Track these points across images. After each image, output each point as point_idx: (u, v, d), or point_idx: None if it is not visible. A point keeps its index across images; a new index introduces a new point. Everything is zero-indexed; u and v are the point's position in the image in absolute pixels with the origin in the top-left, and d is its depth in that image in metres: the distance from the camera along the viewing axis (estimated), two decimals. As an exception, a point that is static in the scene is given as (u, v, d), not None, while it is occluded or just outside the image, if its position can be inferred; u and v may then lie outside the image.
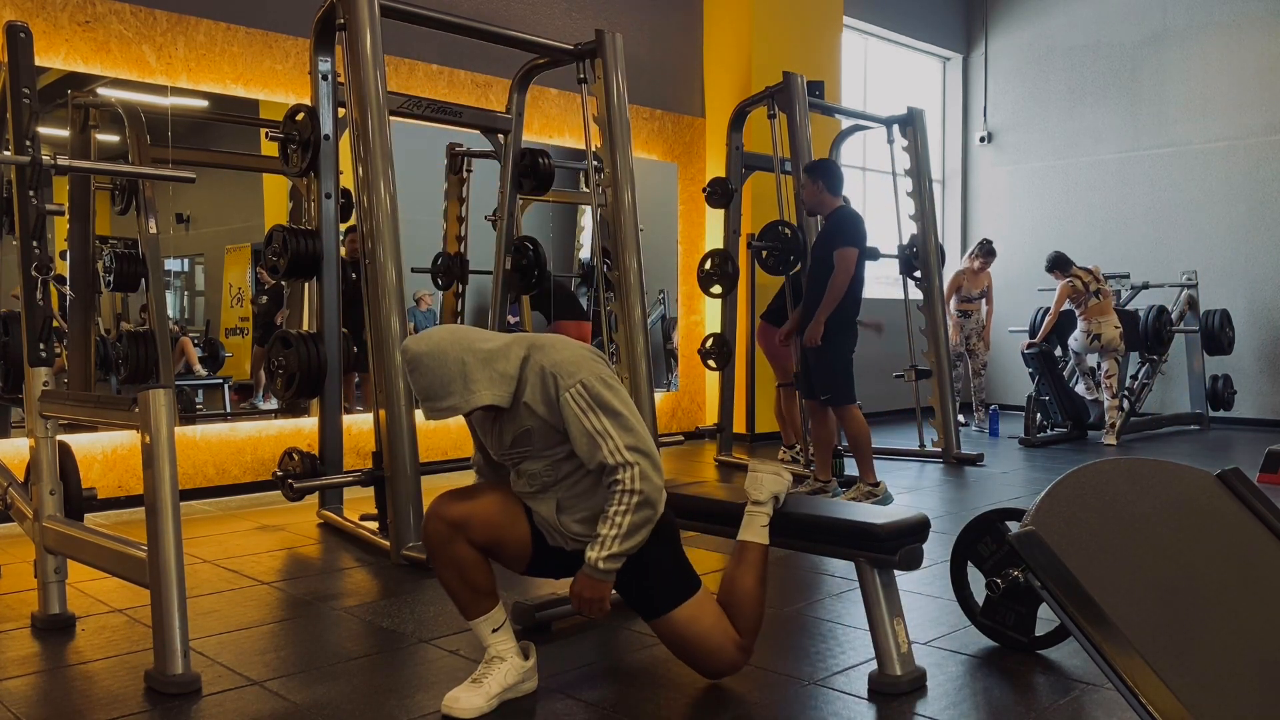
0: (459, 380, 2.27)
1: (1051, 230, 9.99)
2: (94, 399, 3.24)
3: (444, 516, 2.36)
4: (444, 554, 2.38)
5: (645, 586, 2.46)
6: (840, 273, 4.93)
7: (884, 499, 5.03)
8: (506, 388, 2.32)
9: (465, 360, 2.27)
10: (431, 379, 2.26)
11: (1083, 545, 1.97)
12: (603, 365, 2.37)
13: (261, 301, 5.82)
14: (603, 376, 2.32)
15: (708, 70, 8.02)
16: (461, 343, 2.30)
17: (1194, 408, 8.87)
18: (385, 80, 4.08)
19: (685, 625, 2.44)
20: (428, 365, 2.26)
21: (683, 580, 2.48)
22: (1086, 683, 2.59)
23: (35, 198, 3.00)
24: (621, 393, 2.33)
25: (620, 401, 2.30)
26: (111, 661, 2.77)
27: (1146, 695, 1.78)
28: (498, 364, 2.31)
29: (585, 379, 2.28)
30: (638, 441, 2.28)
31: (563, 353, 2.33)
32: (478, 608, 2.42)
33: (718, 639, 2.47)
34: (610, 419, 2.27)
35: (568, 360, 2.31)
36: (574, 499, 2.40)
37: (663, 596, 2.45)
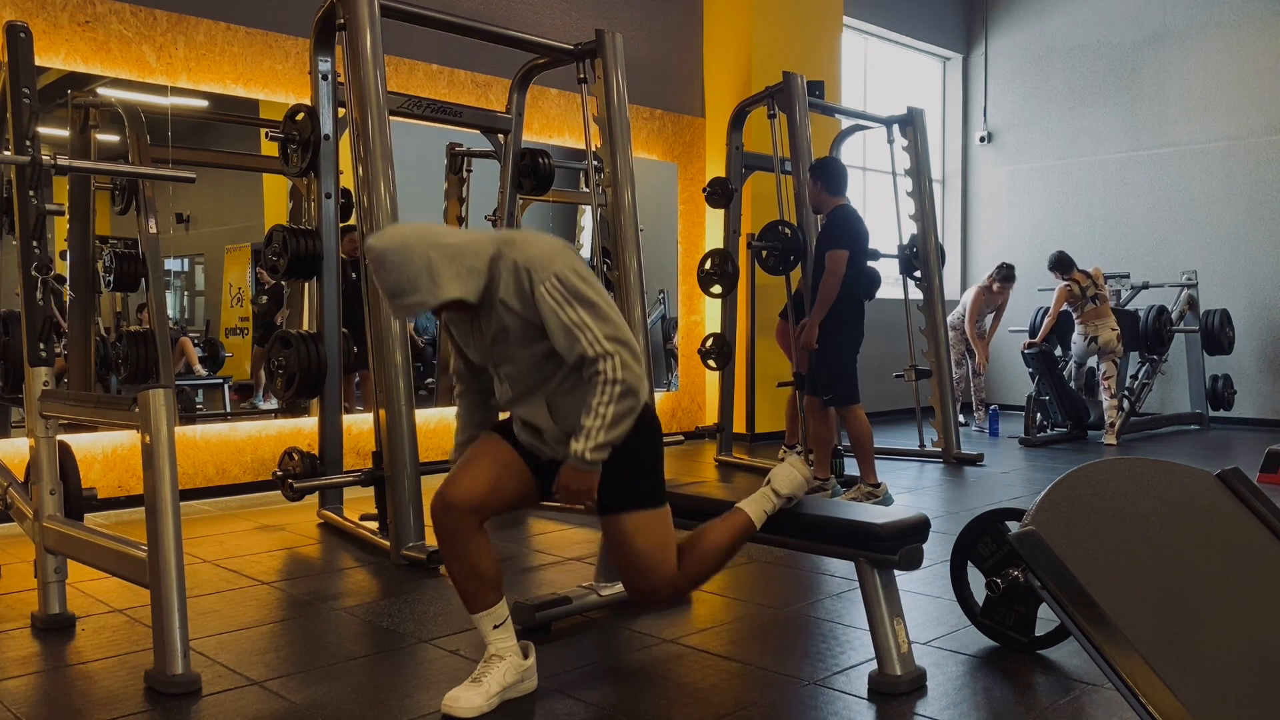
0: (425, 275, 2.20)
1: (1051, 230, 9.99)
2: (94, 399, 3.24)
3: (450, 504, 2.35)
4: (453, 544, 2.37)
5: (608, 479, 2.37)
6: (829, 274, 4.93)
7: (885, 500, 5.03)
8: (475, 283, 2.26)
9: (431, 256, 2.21)
10: (397, 275, 2.20)
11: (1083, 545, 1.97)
12: (575, 257, 2.32)
13: (261, 301, 5.82)
14: (576, 268, 2.27)
15: (708, 70, 8.02)
16: (426, 238, 2.23)
17: (1194, 408, 8.88)
18: (385, 80, 4.08)
19: (631, 534, 2.39)
20: (393, 262, 2.20)
21: (648, 488, 2.42)
22: (1086, 683, 2.59)
23: (35, 198, 3.00)
24: (596, 284, 2.28)
25: (595, 292, 2.26)
26: (111, 661, 2.77)
27: (1146, 695, 1.78)
28: (465, 259, 2.25)
29: (559, 271, 2.23)
30: (616, 331, 2.24)
31: (535, 247, 2.29)
32: (483, 601, 2.42)
33: (656, 559, 2.41)
34: (587, 310, 2.23)
35: (540, 254, 2.26)
36: (562, 398, 2.35)
37: (621, 494, 2.38)
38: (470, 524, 2.35)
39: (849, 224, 5.02)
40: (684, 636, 2.98)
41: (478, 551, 2.37)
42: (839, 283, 4.93)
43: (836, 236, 4.99)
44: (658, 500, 2.43)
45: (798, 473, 2.68)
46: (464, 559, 2.38)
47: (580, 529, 4.50)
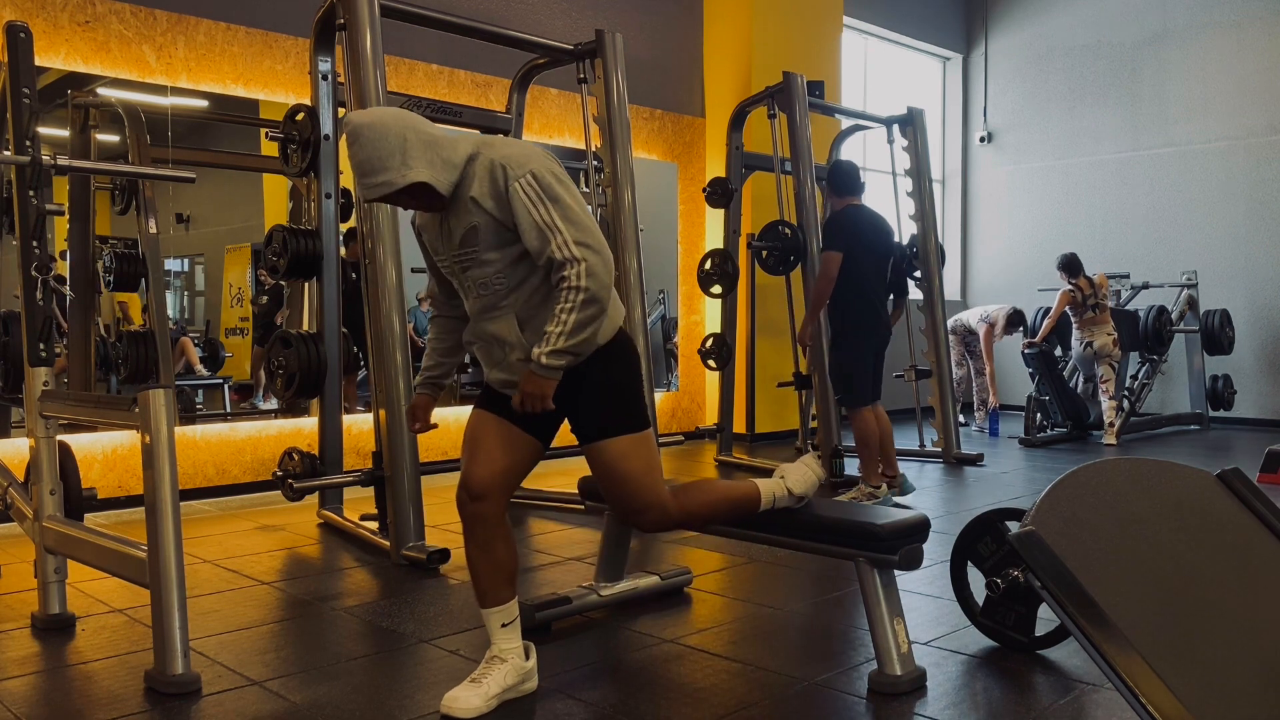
0: (397, 155, 2.18)
1: (1051, 230, 9.99)
2: (94, 399, 3.24)
3: (475, 491, 2.36)
4: (480, 534, 2.39)
5: (586, 406, 2.38)
6: (819, 276, 4.96)
7: (884, 501, 5.03)
8: (447, 175, 2.24)
9: (407, 137, 2.19)
10: (370, 151, 2.17)
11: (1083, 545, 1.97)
12: (553, 161, 2.29)
13: (262, 302, 5.82)
14: (553, 169, 2.25)
15: (708, 70, 8.02)
16: (406, 120, 2.22)
17: (1194, 408, 8.88)
18: (385, 80, 4.08)
19: (614, 460, 2.38)
20: (367, 137, 2.17)
21: (627, 412, 2.40)
22: (1086, 683, 2.59)
23: (35, 198, 3.00)
24: (572, 188, 2.26)
25: (570, 196, 2.23)
26: (111, 661, 2.77)
27: (1146, 695, 1.78)
28: (442, 150, 2.24)
29: (535, 169, 2.21)
30: (586, 236, 2.21)
31: (513, 147, 2.28)
32: (497, 596, 2.43)
33: (642, 482, 2.40)
34: (559, 211, 2.20)
35: (518, 153, 2.25)
36: (533, 310, 2.32)
37: (605, 420, 2.37)
38: (497, 509, 2.37)
39: (844, 225, 4.99)
40: (684, 636, 2.98)
41: (500, 541, 2.40)
42: (829, 284, 4.92)
43: (829, 238, 5.01)
44: (640, 424, 2.42)
45: (812, 473, 2.68)
46: (489, 548, 2.39)
47: (580, 529, 4.51)
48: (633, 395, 2.43)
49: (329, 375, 4.39)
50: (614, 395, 2.39)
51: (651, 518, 2.47)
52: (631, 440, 2.39)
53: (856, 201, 5.09)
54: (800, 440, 6.92)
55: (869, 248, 5.01)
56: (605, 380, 2.38)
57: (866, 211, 5.12)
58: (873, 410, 5.08)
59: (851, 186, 5.10)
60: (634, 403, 2.43)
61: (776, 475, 2.70)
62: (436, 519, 4.35)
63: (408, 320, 4.15)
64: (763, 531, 2.73)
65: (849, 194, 5.09)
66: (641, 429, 2.42)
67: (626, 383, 2.42)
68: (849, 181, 5.11)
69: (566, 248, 2.19)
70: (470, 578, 2.47)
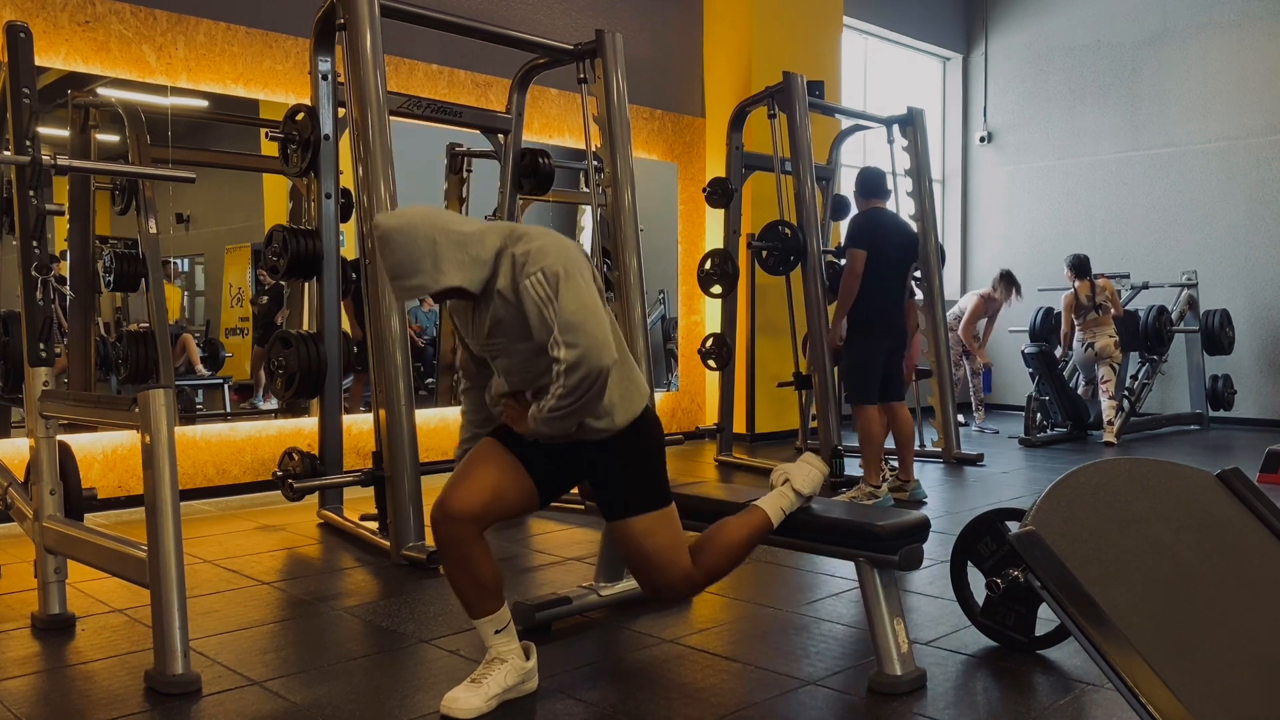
0: (428, 259, 2.20)
1: (1051, 230, 9.99)
2: (94, 399, 3.24)
3: (450, 513, 2.34)
4: (454, 552, 2.37)
5: (612, 485, 2.42)
6: (845, 274, 5.01)
7: (884, 501, 5.03)
8: (478, 273, 2.26)
9: (436, 239, 2.21)
10: (401, 256, 2.20)
11: (1083, 545, 1.97)
12: (573, 255, 2.28)
13: (262, 302, 5.81)
14: (566, 265, 2.23)
15: (708, 70, 8.02)
16: (435, 222, 2.23)
17: (1194, 408, 8.87)
18: (385, 80, 4.08)
19: (641, 536, 2.40)
20: (398, 242, 2.20)
21: (653, 490, 2.43)
22: (1086, 683, 2.59)
23: (35, 198, 3.00)
24: (576, 283, 2.23)
25: (572, 293, 2.21)
26: (111, 661, 2.77)
27: (1146, 695, 1.78)
28: (470, 248, 2.25)
29: (546, 266, 2.21)
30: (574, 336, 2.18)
31: (536, 241, 2.27)
32: (483, 607, 2.42)
33: (668, 557, 2.42)
34: (553, 310, 2.20)
35: (538, 249, 2.25)
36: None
37: (627, 499, 2.41)
38: (470, 533, 2.35)
39: (867, 225, 5.07)
40: (684, 636, 2.98)
41: (478, 560, 2.37)
42: (856, 281, 4.97)
43: (854, 237, 5.07)
44: (663, 500, 2.45)
45: (816, 470, 2.68)
46: (464, 567, 2.38)
47: (580, 529, 4.50)
48: (656, 473, 2.46)
49: (329, 375, 4.39)
50: (637, 474, 2.43)
51: (679, 591, 2.49)
52: (656, 517, 2.42)
53: (880, 205, 5.17)
54: (800, 440, 6.92)
55: (890, 249, 5.07)
56: (629, 460, 2.42)
57: (889, 215, 5.22)
58: (887, 410, 5.09)
59: (877, 190, 5.19)
60: (657, 481, 2.46)
61: (779, 480, 2.68)
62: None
63: (410, 320, 4.15)
64: (763, 531, 2.72)
65: (874, 197, 5.17)
66: (665, 504, 2.45)
67: (649, 462, 2.46)
68: (875, 185, 5.19)
69: (557, 346, 2.20)
70: (454, 592, 2.46)
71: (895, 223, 5.23)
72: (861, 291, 4.99)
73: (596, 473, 2.45)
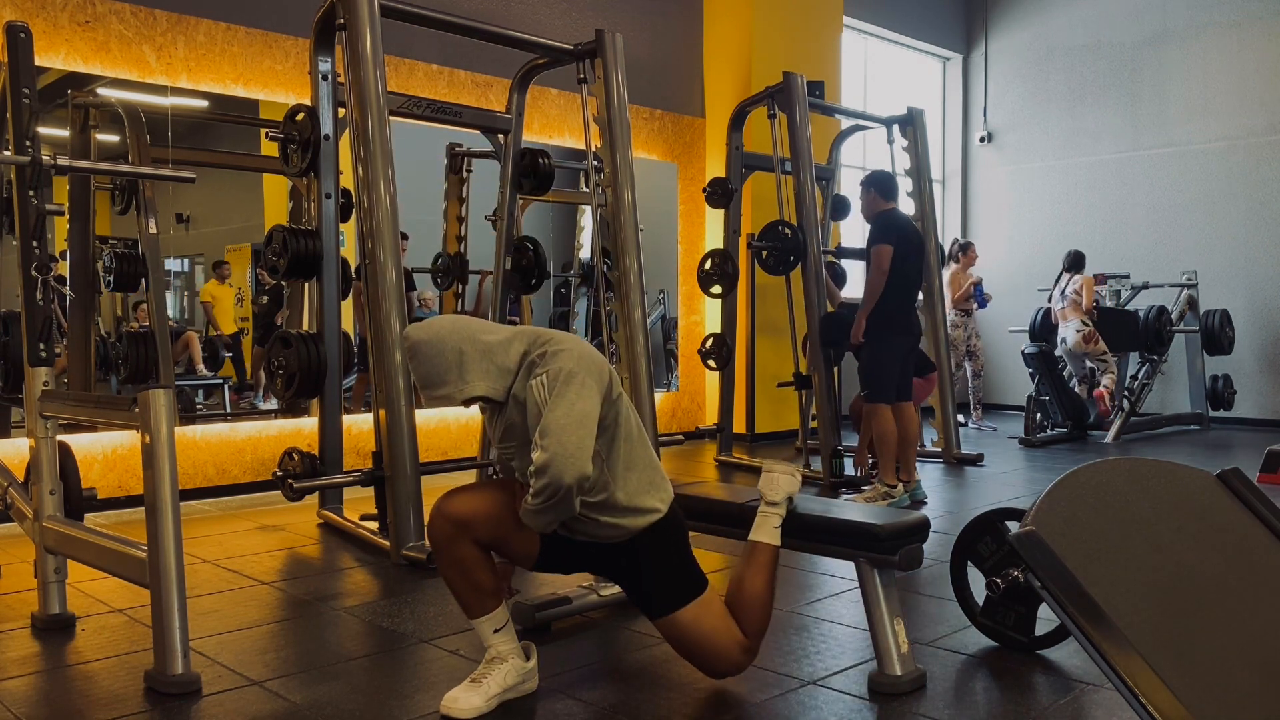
0: (455, 370, 2.28)
1: (1051, 230, 9.99)
2: (94, 399, 3.24)
3: (448, 515, 2.35)
4: (448, 553, 2.38)
5: (647, 587, 2.46)
6: (873, 269, 5.04)
7: (899, 501, 5.03)
8: (502, 381, 2.32)
9: (464, 350, 2.28)
10: (429, 367, 2.28)
11: (1083, 545, 1.97)
12: (591, 364, 2.29)
13: (262, 302, 5.81)
14: (575, 370, 2.25)
15: (708, 70, 8.02)
16: (462, 333, 2.30)
17: (1194, 408, 8.87)
18: (385, 80, 4.08)
19: (688, 627, 2.44)
20: (425, 354, 2.28)
21: (687, 581, 2.47)
22: (1086, 683, 2.59)
23: (35, 198, 3.00)
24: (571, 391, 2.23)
25: (562, 401, 2.22)
26: (111, 661, 2.77)
27: (1146, 695, 1.78)
28: (497, 357, 2.31)
29: (553, 369, 2.25)
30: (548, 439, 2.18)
31: (557, 345, 2.31)
32: (481, 607, 2.42)
33: (721, 640, 2.46)
34: (545, 410, 2.23)
35: (554, 352, 2.29)
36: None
37: (664, 597, 2.45)
38: (456, 534, 2.36)
39: (894, 224, 5.11)
40: (684, 636, 2.98)
41: (473, 563, 2.38)
42: (883, 277, 5.00)
43: (879, 233, 5.09)
44: (699, 587, 2.47)
45: (777, 473, 2.68)
46: (457, 567, 2.39)
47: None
48: (684, 565, 2.49)
49: (329, 375, 4.39)
50: (666, 574, 2.46)
51: (743, 666, 2.52)
52: (696, 607, 2.45)
53: (895, 206, 5.22)
54: (800, 440, 6.92)
55: (909, 249, 5.10)
56: (655, 562, 2.44)
57: (903, 215, 5.28)
58: (895, 409, 5.10)
59: (890, 192, 5.24)
60: (686, 572, 2.48)
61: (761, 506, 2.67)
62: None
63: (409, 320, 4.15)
64: (763, 531, 2.72)
65: (890, 199, 5.22)
66: (700, 592, 2.47)
67: (678, 558, 2.48)
68: (888, 187, 5.24)
69: (535, 446, 2.22)
70: (451, 594, 2.47)
71: (910, 224, 5.29)
72: (884, 289, 5.01)
73: (625, 574, 2.48)
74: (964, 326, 8.60)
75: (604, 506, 2.37)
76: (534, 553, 2.47)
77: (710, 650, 2.46)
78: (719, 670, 2.51)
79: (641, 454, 2.43)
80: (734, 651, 2.47)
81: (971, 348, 8.69)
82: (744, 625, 2.51)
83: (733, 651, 2.47)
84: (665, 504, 2.47)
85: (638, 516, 2.41)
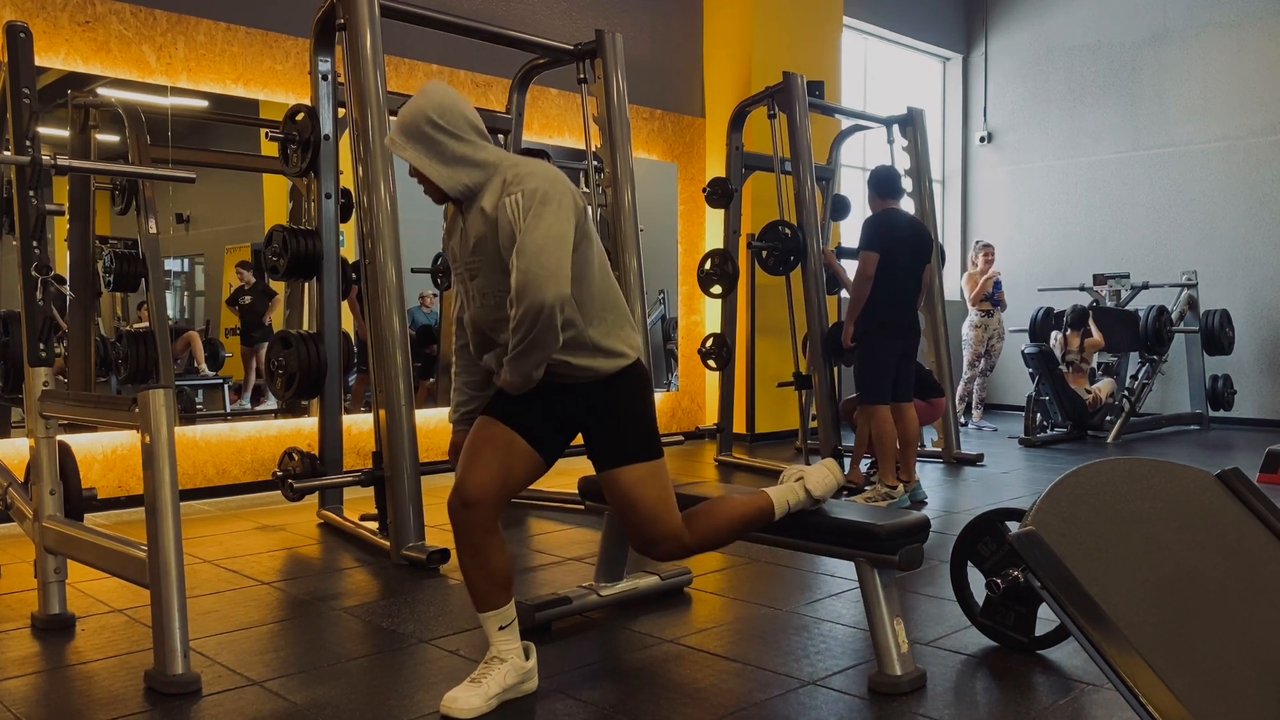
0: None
1: (1051, 230, 9.99)
2: (94, 399, 3.24)
3: (469, 499, 2.36)
4: (470, 540, 2.38)
5: (605, 434, 2.43)
6: (857, 276, 5.04)
7: (900, 502, 5.02)
8: (472, 177, 2.34)
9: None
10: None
11: (1083, 545, 1.97)
12: (562, 187, 2.28)
13: (244, 301, 5.81)
14: (550, 192, 2.24)
15: (708, 70, 8.02)
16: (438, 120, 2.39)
17: (1194, 408, 8.87)
18: (385, 80, 4.08)
19: (631, 486, 2.40)
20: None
21: (644, 440, 2.44)
22: (1086, 683, 2.59)
23: (35, 198, 3.00)
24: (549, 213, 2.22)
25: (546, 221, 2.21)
26: (111, 661, 2.77)
27: (1146, 695, 1.78)
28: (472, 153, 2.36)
29: (528, 189, 2.24)
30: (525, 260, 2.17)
31: (530, 167, 2.31)
32: (493, 600, 2.42)
33: (659, 509, 2.42)
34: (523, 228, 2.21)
35: (529, 173, 2.28)
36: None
37: (618, 448, 2.42)
38: (489, 518, 2.36)
39: (883, 227, 5.07)
40: (684, 636, 2.98)
41: (493, 549, 2.39)
42: (867, 283, 4.98)
43: (866, 238, 5.08)
44: (653, 453, 2.44)
45: (833, 477, 2.68)
46: (479, 556, 2.38)
47: (580, 529, 4.50)
48: (646, 424, 2.46)
49: (329, 375, 4.39)
50: (626, 424, 2.43)
51: (666, 548, 2.48)
52: (646, 468, 2.42)
53: (895, 205, 5.17)
54: (800, 440, 6.92)
55: (903, 250, 5.06)
56: (620, 409, 2.42)
57: (904, 215, 5.21)
58: (895, 410, 5.09)
59: (892, 190, 5.19)
60: (646, 433, 2.46)
61: (793, 479, 2.68)
62: (436, 519, 4.35)
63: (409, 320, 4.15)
64: (764, 531, 2.72)
65: (889, 198, 5.17)
66: (656, 457, 2.44)
67: (640, 412, 2.46)
68: (888, 186, 5.19)
69: (513, 269, 2.20)
70: (464, 583, 2.47)
71: (910, 223, 5.21)
72: (874, 292, 5.00)
73: (587, 424, 2.45)
74: (984, 327, 8.60)
75: (576, 345, 2.34)
76: (540, 464, 2.46)
77: (644, 516, 2.42)
78: (643, 539, 2.46)
79: (612, 296, 2.42)
80: (665, 529, 2.43)
81: (990, 348, 8.70)
82: (694, 523, 2.49)
83: (664, 528, 2.43)
84: (635, 351, 2.45)
85: (609, 359, 2.39)
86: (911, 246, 5.12)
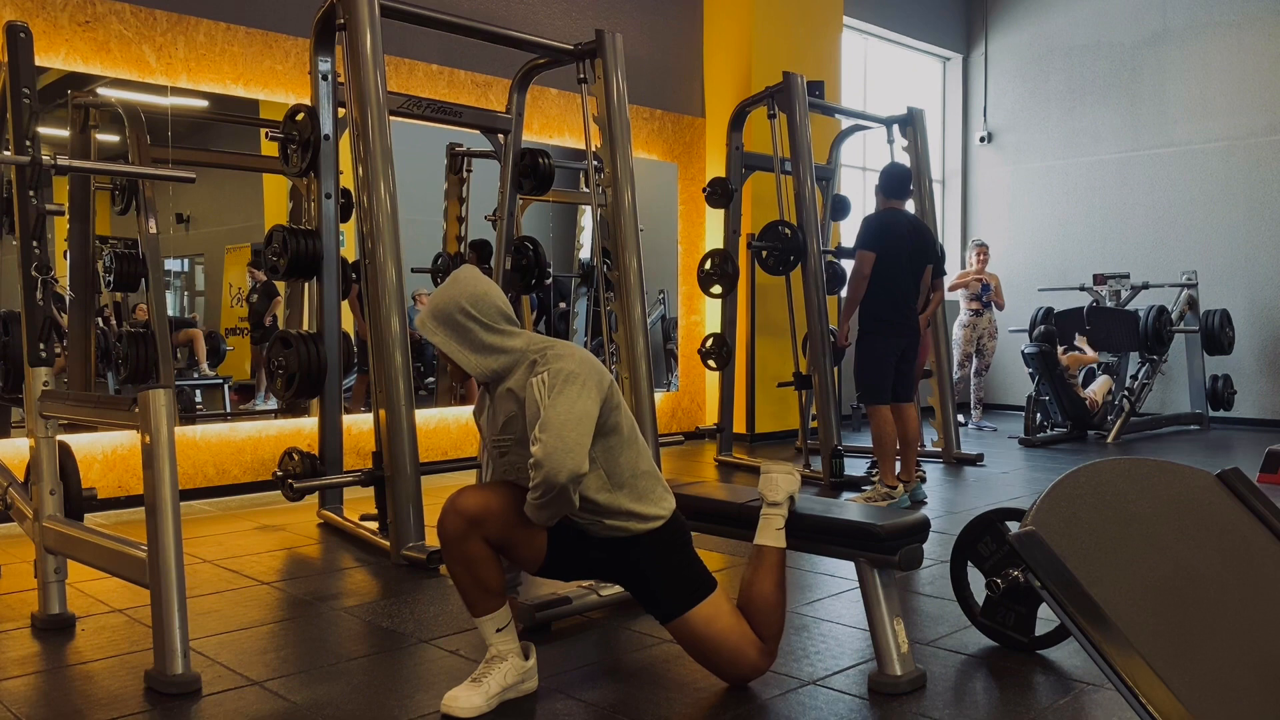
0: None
1: (1051, 230, 9.99)
2: (94, 399, 3.24)
3: (460, 511, 2.36)
4: (457, 549, 2.39)
5: (654, 588, 2.47)
6: (852, 275, 5.05)
7: (900, 502, 5.02)
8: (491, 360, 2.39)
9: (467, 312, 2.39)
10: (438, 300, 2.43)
11: (1083, 545, 1.97)
12: (591, 369, 2.34)
13: (252, 300, 5.81)
14: (574, 373, 2.30)
15: (708, 70, 8.02)
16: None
17: (1194, 408, 8.87)
18: (385, 80, 4.08)
19: (700, 627, 2.45)
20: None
21: (694, 581, 2.48)
22: (1086, 683, 2.59)
23: (35, 198, 3.00)
24: (572, 390, 2.27)
25: (568, 398, 2.26)
26: (111, 661, 2.77)
27: (1146, 695, 1.78)
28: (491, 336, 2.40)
29: (554, 369, 2.30)
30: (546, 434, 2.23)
31: (560, 349, 2.38)
32: (485, 605, 2.43)
33: (735, 641, 2.47)
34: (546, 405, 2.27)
35: (554, 355, 2.35)
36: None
37: (673, 598, 2.46)
38: (468, 531, 2.36)
39: (875, 226, 5.07)
40: (684, 636, 2.98)
41: (480, 561, 2.39)
42: (862, 282, 4.99)
43: (863, 237, 5.07)
44: (707, 588, 2.49)
45: (776, 473, 2.69)
46: (464, 564, 2.39)
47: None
48: (690, 569, 2.51)
49: (329, 375, 4.39)
50: (672, 574, 2.48)
51: (762, 669, 2.54)
52: (706, 606, 2.47)
53: (898, 205, 5.16)
54: (800, 440, 6.92)
55: (901, 250, 5.04)
56: (661, 563, 2.47)
57: (905, 215, 5.19)
58: (895, 410, 5.09)
59: (897, 190, 5.17)
60: (692, 573, 2.50)
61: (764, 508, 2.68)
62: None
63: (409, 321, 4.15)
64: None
65: (894, 198, 5.16)
66: (709, 593, 2.49)
67: (683, 558, 2.51)
68: (895, 185, 5.18)
69: (534, 441, 2.26)
70: (456, 590, 2.47)
71: (910, 223, 5.19)
72: (873, 291, 5.00)
73: (631, 578, 2.51)
74: (973, 326, 8.64)
75: (606, 510, 2.41)
76: (540, 558, 2.47)
77: (726, 652, 2.47)
78: (738, 673, 2.52)
79: (643, 464, 2.47)
80: (750, 652, 2.49)
81: (981, 347, 8.71)
82: (758, 629, 2.52)
83: (749, 653, 2.48)
84: (668, 511, 2.50)
85: (640, 522, 2.44)
86: (911, 246, 5.10)
